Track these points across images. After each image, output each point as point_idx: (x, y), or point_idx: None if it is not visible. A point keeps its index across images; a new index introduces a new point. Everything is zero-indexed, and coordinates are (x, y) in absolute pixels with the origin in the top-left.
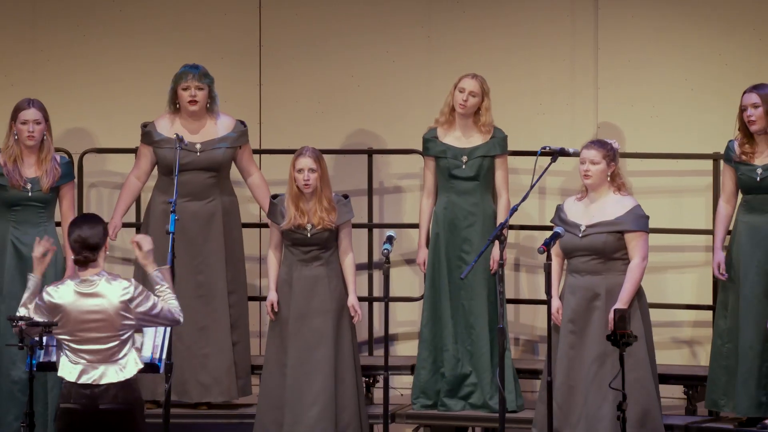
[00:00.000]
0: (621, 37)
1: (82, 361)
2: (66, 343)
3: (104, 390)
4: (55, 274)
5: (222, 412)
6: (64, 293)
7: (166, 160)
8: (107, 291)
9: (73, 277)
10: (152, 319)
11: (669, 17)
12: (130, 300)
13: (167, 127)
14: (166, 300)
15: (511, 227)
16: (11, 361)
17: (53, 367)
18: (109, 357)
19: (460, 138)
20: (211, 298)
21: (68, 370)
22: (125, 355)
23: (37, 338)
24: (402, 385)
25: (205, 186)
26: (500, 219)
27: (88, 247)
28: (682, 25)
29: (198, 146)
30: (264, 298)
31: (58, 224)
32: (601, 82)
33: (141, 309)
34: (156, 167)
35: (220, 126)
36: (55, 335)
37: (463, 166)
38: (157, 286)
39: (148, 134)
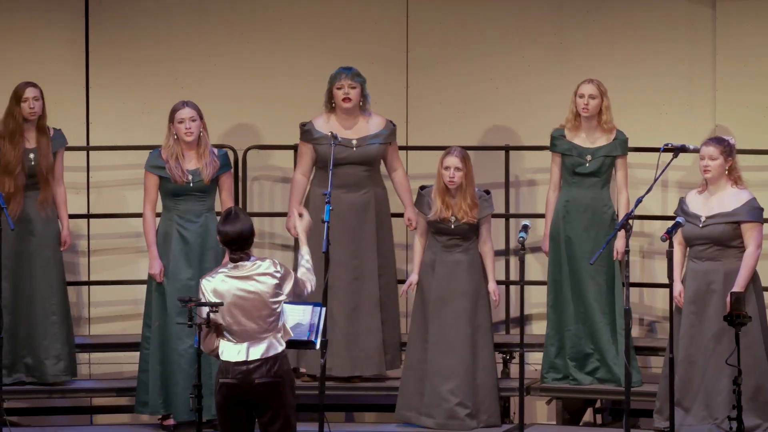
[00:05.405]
0: (737, 43)
1: (240, 340)
2: (225, 325)
3: (258, 365)
4: (215, 258)
5: (371, 384)
6: (218, 280)
7: (325, 156)
8: (258, 273)
9: (224, 265)
10: (293, 292)
11: None
12: (281, 278)
13: (324, 125)
14: (302, 268)
15: (636, 217)
16: (178, 336)
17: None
18: (264, 334)
19: (585, 138)
20: (362, 280)
21: (229, 352)
22: (277, 331)
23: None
24: (536, 361)
25: (360, 178)
26: (622, 213)
27: (241, 247)
28: None
29: (354, 142)
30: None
31: (219, 213)
32: (719, 84)
33: (288, 285)
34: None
35: (372, 124)
36: (215, 321)
37: (587, 165)
38: (303, 258)
39: (307, 132)
